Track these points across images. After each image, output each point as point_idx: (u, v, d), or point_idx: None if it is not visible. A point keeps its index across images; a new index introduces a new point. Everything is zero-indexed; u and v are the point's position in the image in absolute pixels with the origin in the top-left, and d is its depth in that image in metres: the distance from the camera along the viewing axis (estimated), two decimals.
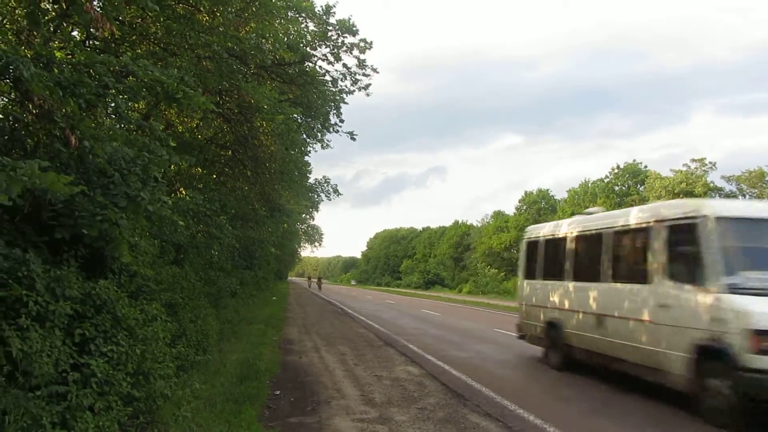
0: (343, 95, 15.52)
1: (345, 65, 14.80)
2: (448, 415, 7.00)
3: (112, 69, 6.33)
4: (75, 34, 8.24)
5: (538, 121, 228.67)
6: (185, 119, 14.83)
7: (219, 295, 14.67)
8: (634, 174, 48.49)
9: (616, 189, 48.74)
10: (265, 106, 10.88)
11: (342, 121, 16.00)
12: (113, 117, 7.96)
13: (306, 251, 79.98)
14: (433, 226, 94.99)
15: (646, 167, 48.33)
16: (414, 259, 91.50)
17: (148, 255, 8.03)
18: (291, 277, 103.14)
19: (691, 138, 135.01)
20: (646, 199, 40.20)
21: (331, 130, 16.17)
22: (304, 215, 43.96)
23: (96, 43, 8.88)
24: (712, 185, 39.60)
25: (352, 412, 7.08)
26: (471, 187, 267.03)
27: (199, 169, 15.97)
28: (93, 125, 6.04)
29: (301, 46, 13.51)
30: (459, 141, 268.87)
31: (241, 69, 11.44)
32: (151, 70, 6.40)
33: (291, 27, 13.53)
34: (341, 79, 15.23)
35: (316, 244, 69.89)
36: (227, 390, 7.55)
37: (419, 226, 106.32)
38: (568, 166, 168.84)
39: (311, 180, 25.77)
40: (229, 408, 6.64)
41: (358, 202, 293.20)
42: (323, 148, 17.34)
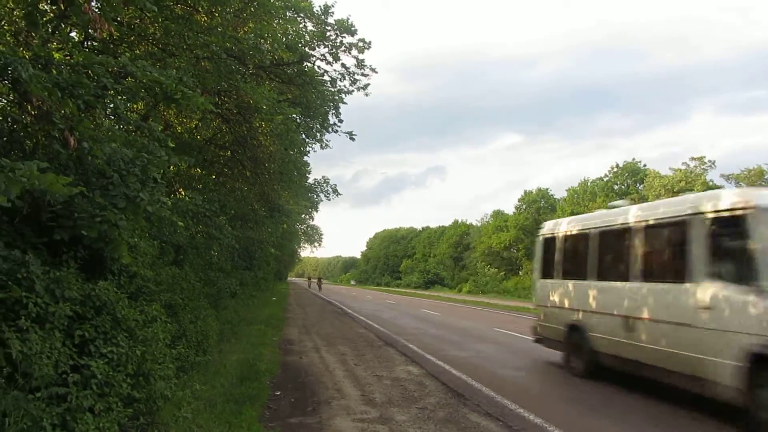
0: (342, 95, 15.56)
1: (344, 65, 14.84)
2: (449, 414, 7.01)
3: (110, 70, 6.34)
4: (73, 35, 8.21)
5: (537, 121, 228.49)
6: (184, 120, 14.82)
7: (219, 295, 14.66)
8: (633, 173, 48.67)
9: (616, 188, 48.91)
10: (264, 107, 10.89)
11: (341, 121, 16.05)
12: (112, 118, 7.96)
13: (306, 251, 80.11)
14: (433, 225, 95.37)
15: (645, 166, 48.58)
16: (414, 258, 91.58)
17: (147, 256, 8.02)
18: (291, 278, 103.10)
19: (691, 137, 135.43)
20: (645, 197, 40.23)
21: (330, 130, 16.20)
22: (303, 215, 43.97)
23: (94, 44, 8.87)
24: (711, 184, 39.70)
25: (352, 412, 7.08)
26: (471, 186, 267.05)
27: (198, 170, 15.95)
28: (92, 126, 6.05)
29: (299, 46, 13.51)
30: (459, 140, 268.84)
31: (240, 69, 11.46)
32: (149, 70, 6.40)
33: (289, 27, 13.54)
34: (340, 79, 15.26)
35: (316, 244, 70.12)
36: (227, 391, 7.55)
37: (419, 225, 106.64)
38: (567, 166, 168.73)
39: (310, 180, 25.76)
40: (230, 409, 6.64)
41: (358, 202, 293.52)
42: (322, 148, 17.38)
